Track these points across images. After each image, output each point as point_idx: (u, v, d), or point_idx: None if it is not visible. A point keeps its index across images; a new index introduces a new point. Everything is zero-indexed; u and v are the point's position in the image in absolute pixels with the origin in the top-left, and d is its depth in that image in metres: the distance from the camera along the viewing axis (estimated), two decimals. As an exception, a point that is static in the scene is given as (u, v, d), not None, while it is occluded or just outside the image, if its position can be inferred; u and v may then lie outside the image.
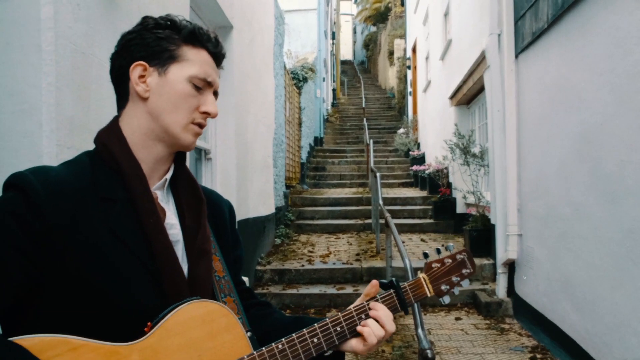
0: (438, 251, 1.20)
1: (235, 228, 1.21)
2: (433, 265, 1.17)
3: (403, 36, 17.37)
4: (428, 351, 1.89)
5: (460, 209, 7.60)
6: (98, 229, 0.88)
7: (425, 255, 1.20)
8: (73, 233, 0.85)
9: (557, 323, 3.73)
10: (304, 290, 5.31)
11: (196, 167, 4.07)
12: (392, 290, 1.09)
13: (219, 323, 0.91)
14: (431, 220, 7.90)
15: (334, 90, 21.94)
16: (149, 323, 0.86)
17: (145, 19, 1.01)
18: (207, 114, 1.01)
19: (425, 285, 1.14)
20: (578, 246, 3.38)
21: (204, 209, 1.06)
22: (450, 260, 1.19)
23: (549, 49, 3.82)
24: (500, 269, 4.87)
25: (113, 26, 2.17)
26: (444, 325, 4.52)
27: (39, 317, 0.85)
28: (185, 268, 0.98)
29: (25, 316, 0.85)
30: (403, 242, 3.85)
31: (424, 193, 9.29)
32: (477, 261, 5.58)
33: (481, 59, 5.50)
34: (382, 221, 5.89)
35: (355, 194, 9.51)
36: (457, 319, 4.67)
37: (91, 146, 1.01)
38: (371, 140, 10.81)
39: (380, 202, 5.98)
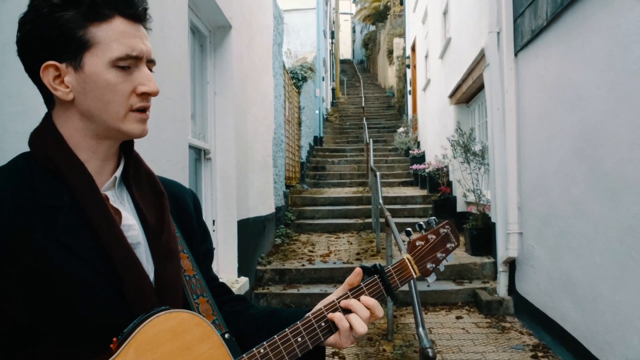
0: (420, 227, 1.12)
1: (202, 219, 1.11)
2: (417, 244, 1.09)
3: (402, 35, 17.37)
4: (429, 350, 1.88)
5: (460, 207, 7.59)
6: (44, 241, 0.77)
7: (408, 233, 1.12)
8: (15, 248, 0.75)
9: (558, 321, 3.73)
10: (304, 290, 5.30)
11: (195, 167, 4.07)
12: (376, 276, 1.01)
13: (193, 334, 0.82)
14: (431, 219, 7.88)
15: (333, 89, 21.93)
16: (114, 339, 0.76)
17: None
18: (146, 95, 0.86)
19: (410, 267, 1.06)
20: (578, 244, 3.38)
21: (166, 203, 0.95)
22: (434, 236, 1.11)
23: (548, 46, 3.81)
24: (501, 268, 4.87)
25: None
26: (445, 324, 4.52)
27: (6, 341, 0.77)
28: (151, 271, 0.88)
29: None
30: (403, 241, 3.84)
31: (424, 192, 9.28)
32: (478, 260, 5.58)
33: (480, 57, 5.49)
34: (382, 220, 5.88)
35: (355, 194, 9.51)
36: (458, 317, 4.67)
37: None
38: (371, 140, 10.81)
39: (381, 201, 5.97)
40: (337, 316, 0.94)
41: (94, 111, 0.84)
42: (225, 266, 4.34)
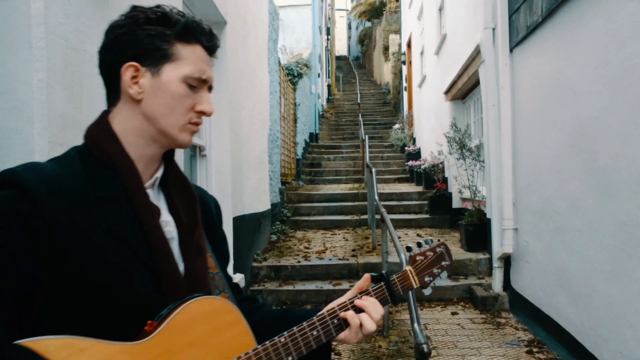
0: (419, 245, 1.25)
1: (222, 224, 1.20)
2: (417, 258, 1.23)
3: (398, 31, 17.34)
4: (424, 346, 1.89)
5: (456, 203, 7.61)
6: (96, 226, 0.86)
7: (409, 249, 1.25)
8: (72, 231, 0.84)
9: (553, 317, 3.74)
10: (300, 286, 5.30)
11: (191, 164, 4.05)
12: (382, 283, 1.14)
13: (224, 319, 0.92)
14: (427, 216, 7.90)
15: (329, 86, 21.91)
16: (149, 322, 0.85)
17: (135, 10, 0.96)
18: (202, 113, 0.99)
19: (411, 277, 1.20)
20: (573, 239, 3.39)
21: (197, 205, 1.04)
22: (431, 253, 1.25)
23: (544, 42, 3.81)
24: (496, 264, 4.88)
25: (105, 21, 2.14)
26: (441, 320, 4.53)
27: (40, 319, 0.83)
28: (180, 265, 0.97)
29: (27, 318, 0.83)
30: (399, 238, 3.84)
31: (420, 188, 9.29)
32: (473, 256, 5.59)
33: (476, 54, 5.49)
34: (378, 217, 5.88)
35: (351, 190, 9.50)
36: (454, 313, 4.68)
37: (83, 143, 0.99)
38: (366, 136, 10.81)
39: (376, 197, 5.97)
40: (350, 314, 1.06)
41: (158, 114, 0.95)
42: (221, 263, 4.33)
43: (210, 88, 1.02)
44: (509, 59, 4.61)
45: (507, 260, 4.79)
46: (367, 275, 1.14)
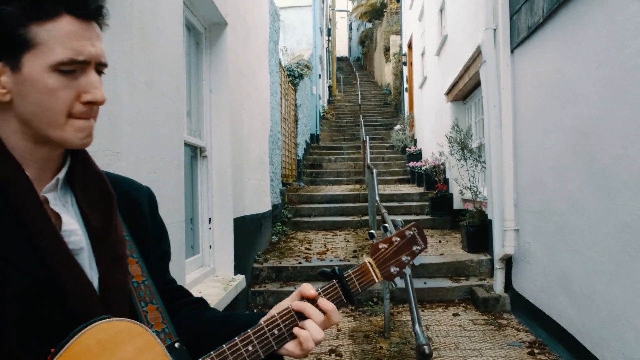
0: (385, 229, 1.08)
1: (159, 219, 1.04)
2: (380, 247, 1.04)
3: (399, 32, 17.36)
4: (425, 347, 1.88)
5: (457, 204, 7.60)
6: None
7: (371, 236, 1.07)
8: None
9: (554, 318, 3.73)
10: (301, 287, 5.29)
11: (192, 165, 4.05)
12: (335, 281, 0.97)
13: (134, 344, 0.76)
14: (428, 217, 7.90)
15: (329, 87, 21.93)
16: (52, 349, 0.71)
17: None
18: (92, 103, 0.79)
19: (372, 271, 1.01)
20: (574, 240, 3.38)
21: (114, 206, 0.88)
22: (398, 239, 1.05)
23: (545, 43, 3.81)
24: (497, 265, 4.87)
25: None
26: (442, 321, 4.52)
27: None
28: (95, 278, 0.82)
29: None
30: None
31: (421, 189, 9.29)
32: (475, 257, 5.58)
33: (477, 54, 5.49)
34: (378, 218, 5.88)
35: (352, 191, 9.51)
36: (455, 314, 4.67)
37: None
38: (367, 137, 10.81)
39: (377, 198, 5.97)
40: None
41: (31, 116, 0.77)
42: (222, 264, 4.34)
43: (101, 67, 0.81)
44: (510, 59, 4.60)
45: (508, 261, 4.78)
46: (307, 286, 0.96)
